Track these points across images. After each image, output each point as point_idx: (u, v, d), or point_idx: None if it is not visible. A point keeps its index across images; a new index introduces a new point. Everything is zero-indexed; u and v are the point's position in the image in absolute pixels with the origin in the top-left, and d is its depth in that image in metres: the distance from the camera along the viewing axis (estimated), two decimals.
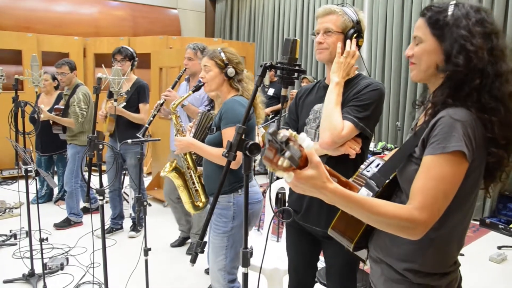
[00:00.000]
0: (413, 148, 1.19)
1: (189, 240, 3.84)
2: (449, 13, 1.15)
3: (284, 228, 2.24)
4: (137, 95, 3.82)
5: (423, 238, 1.11)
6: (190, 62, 3.43)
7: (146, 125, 3.04)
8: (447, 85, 1.14)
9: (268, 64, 1.45)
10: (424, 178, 1.10)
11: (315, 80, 6.34)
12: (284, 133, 0.87)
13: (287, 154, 0.86)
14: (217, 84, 2.24)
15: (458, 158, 1.07)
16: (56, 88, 4.63)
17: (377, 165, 1.30)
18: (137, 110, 3.84)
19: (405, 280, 1.22)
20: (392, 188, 1.27)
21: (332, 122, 1.63)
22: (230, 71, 2.20)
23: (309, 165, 0.94)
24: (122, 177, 4.60)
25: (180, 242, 3.87)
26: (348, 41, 1.72)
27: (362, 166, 1.34)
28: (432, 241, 1.18)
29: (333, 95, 1.68)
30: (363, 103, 1.67)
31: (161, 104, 3.24)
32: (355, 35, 1.72)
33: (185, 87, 3.51)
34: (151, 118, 3.15)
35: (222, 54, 2.22)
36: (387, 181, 1.24)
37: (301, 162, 0.93)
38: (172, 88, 3.33)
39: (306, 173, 0.95)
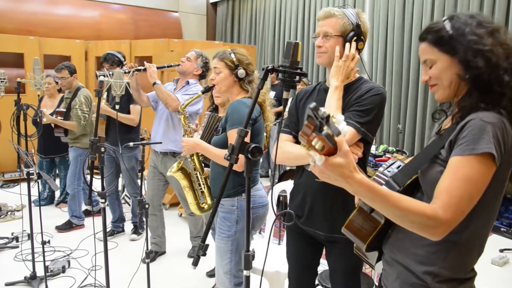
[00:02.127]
0: (438, 150, 1.18)
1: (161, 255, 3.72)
2: (448, 27, 1.18)
3: (285, 232, 2.24)
4: (128, 96, 3.68)
5: (445, 241, 1.10)
6: (187, 61, 3.41)
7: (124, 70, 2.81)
8: (475, 89, 1.15)
9: (270, 67, 1.45)
10: (450, 178, 1.09)
11: (310, 83, 6.35)
12: (325, 110, 0.83)
13: (325, 131, 0.83)
14: (227, 85, 2.23)
15: (487, 160, 1.07)
16: (60, 91, 4.64)
17: (398, 166, 1.28)
18: (129, 112, 3.81)
19: (422, 285, 1.21)
20: (410, 191, 1.25)
21: None
22: (241, 72, 2.19)
23: (338, 152, 0.92)
24: (121, 180, 4.60)
25: (152, 258, 3.56)
26: (347, 44, 1.69)
27: (381, 169, 1.31)
28: (454, 245, 1.17)
29: (333, 100, 1.66)
30: (364, 108, 1.66)
31: (139, 69, 3.20)
32: (354, 38, 1.70)
33: (172, 87, 3.48)
34: (124, 73, 3.01)
35: (233, 55, 2.21)
36: (409, 181, 1.23)
37: (331, 149, 0.91)
38: (157, 68, 3.26)
39: (335, 160, 0.93)
